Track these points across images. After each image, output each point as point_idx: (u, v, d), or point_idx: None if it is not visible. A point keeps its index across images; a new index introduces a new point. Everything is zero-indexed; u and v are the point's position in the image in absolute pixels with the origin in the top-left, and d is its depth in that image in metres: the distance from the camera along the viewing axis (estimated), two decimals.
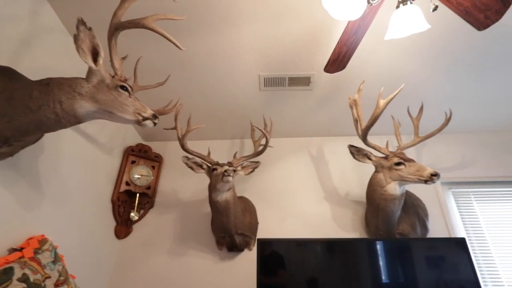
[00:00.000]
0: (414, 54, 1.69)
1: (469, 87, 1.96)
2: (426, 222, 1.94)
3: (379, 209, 1.75)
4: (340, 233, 2.10)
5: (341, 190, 2.26)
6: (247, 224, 2.00)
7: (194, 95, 2.03)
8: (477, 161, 2.33)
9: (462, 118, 2.25)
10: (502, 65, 1.78)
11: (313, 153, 2.44)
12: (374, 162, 1.73)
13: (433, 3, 1.05)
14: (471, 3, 1.17)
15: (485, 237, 2.09)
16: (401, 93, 1.95)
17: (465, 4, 1.17)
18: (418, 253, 1.67)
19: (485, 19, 1.23)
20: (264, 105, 2.13)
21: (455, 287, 1.60)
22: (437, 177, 1.45)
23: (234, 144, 2.53)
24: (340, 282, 1.62)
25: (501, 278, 1.96)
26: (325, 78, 1.86)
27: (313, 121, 2.30)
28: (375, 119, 1.46)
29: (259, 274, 1.60)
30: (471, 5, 1.17)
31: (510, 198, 2.21)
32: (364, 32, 1.30)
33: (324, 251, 1.74)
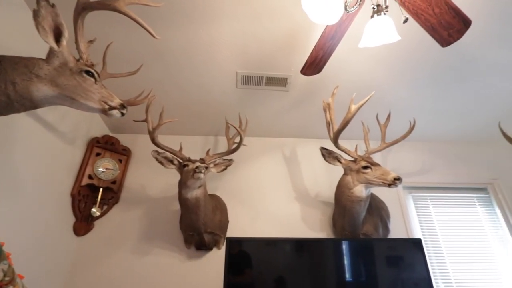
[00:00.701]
0: (385, 64, 1.78)
1: (431, 100, 2.11)
2: (388, 224, 2.06)
3: (346, 210, 1.82)
4: (308, 233, 2.15)
5: (312, 191, 2.32)
6: (217, 222, 1.98)
7: (168, 88, 1.96)
8: (434, 168, 2.51)
9: (424, 127, 2.42)
10: (459, 82, 1.94)
11: (286, 153, 2.47)
12: (343, 165, 1.79)
13: (404, 16, 1.11)
14: (437, 20, 1.25)
15: (438, 238, 2.26)
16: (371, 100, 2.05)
17: (432, 20, 1.25)
18: (379, 252, 1.76)
19: (448, 37, 1.33)
20: (240, 103, 2.12)
21: (410, 285, 1.70)
22: (400, 181, 1.54)
23: (207, 141, 2.48)
24: (307, 281, 1.65)
25: (450, 276, 2.14)
26: (302, 80, 1.89)
27: (288, 122, 2.34)
28: (346, 123, 1.51)
29: (227, 273, 1.58)
30: (437, 22, 1.26)
31: (461, 203, 2.42)
32: (340, 38, 1.34)
33: (293, 251, 1.76)
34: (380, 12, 1.14)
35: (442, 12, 1.22)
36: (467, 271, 2.16)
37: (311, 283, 1.65)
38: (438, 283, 2.11)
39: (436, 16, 1.23)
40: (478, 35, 1.58)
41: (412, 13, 1.21)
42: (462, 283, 2.12)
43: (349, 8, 1.16)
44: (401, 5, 1.17)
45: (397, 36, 1.15)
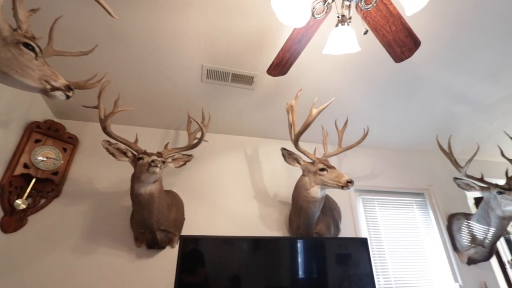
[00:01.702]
0: (345, 73, 1.88)
1: (383, 110, 2.30)
2: (339, 223, 2.18)
3: (302, 210, 1.88)
4: (265, 231, 2.18)
5: (271, 191, 2.36)
6: (172, 220, 1.89)
7: (126, 74, 1.82)
8: (382, 173, 2.74)
9: (376, 135, 2.62)
10: (407, 97, 2.14)
11: (248, 152, 2.48)
12: (302, 166, 1.85)
13: (365, 27, 1.17)
14: (392, 37, 1.36)
15: (381, 237, 2.47)
16: (331, 106, 2.16)
17: (388, 37, 1.36)
18: (330, 250, 1.85)
19: (401, 54, 1.45)
20: (204, 98, 2.06)
21: (356, 280, 1.83)
22: (352, 184, 1.64)
23: (167, 134, 2.37)
24: (262, 279, 1.67)
25: (389, 271, 2.35)
26: (268, 80, 1.91)
27: (252, 121, 2.34)
28: (307, 126, 1.56)
29: (179, 272, 1.52)
30: (392, 39, 1.36)
31: (402, 206, 2.68)
32: (306, 42, 1.38)
33: (250, 249, 1.77)
34: (344, 22, 1.19)
35: (398, 30, 1.32)
36: (403, 266, 2.40)
37: (266, 281, 1.68)
38: (379, 278, 2.30)
39: (392, 33, 1.33)
40: (425, 56, 1.76)
41: (372, 27, 1.30)
42: (399, 277, 2.34)
43: (316, 14, 1.20)
44: (363, 18, 1.24)
45: (358, 47, 1.21)
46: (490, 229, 2.23)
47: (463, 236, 2.45)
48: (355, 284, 1.80)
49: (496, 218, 2.15)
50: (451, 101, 2.22)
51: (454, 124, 2.52)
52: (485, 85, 2.05)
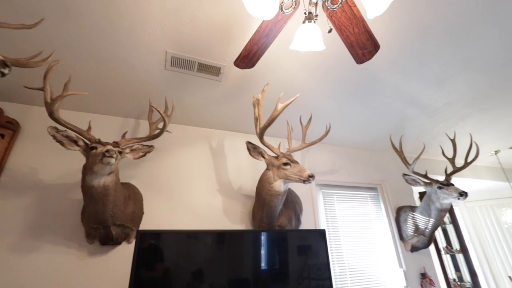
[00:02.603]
0: (311, 71, 1.93)
1: (346, 110, 2.42)
2: (300, 216, 2.26)
3: (265, 203, 1.91)
4: (228, 224, 2.18)
5: (235, 184, 2.35)
6: (129, 214, 1.79)
7: (80, 56, 1.65)
8: (342, 169, 2.90)
9: (337, 133, 2.76)
10: (366, 97, 2.27)
11: (213, 145, 2.44)
12: (266, 160, 1.87)
13: (330, 26, 1.21)
14: (355, 39, 1.42)
15: (338, 229, 2.63)
16: (297, 102, 2.22)
17: (351, 38, 1.41)
18: (292, 242, 1.92)
19: (362, 56, 1.52)
20: (168, 86, 1.96)
21: (315, 270, 1.92)
22: (313, 178, 1.70)
23: (126, 123, 2.22)
24: (225, 272, 1.68)
25: (344, 260, 2.52)
26: (235, 72, 1.88)
27: (218, 113, 2.30)
28: (272, 120, 1.57)
29: (135, 268, 1.45)
30: (355, 40, 1.42)
31: (358, 199, 2.87)
32: (274, 36, 1.38)
33: (214, 243, 1.76)
34: (310, 20, 1.21)
35: (360, 32, 1.38)
36: (356, 255, 2.58)
37: (229, 273, 1.68)
38: (334, 267, 2.45)
39: (355, 35, 1.39)
40: (383, 61, 1.87)
41: (336, 27, 1.34)
42: (352, 265, 2.52)
43: (284, 9, 1.20)
44: (328, 17, 1.28)
45: (323, 46, 1.25)
46: (430, 220, 2.49)
47: (408, 226, 2.71)
48: (314, 273, 1.89)
49: (435, 210, 2.42)
50: (403, 104, 2.41)
51: (405, 125, 2.74)
52: (433, 91, 2.26)
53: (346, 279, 2.44)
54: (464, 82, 2.17)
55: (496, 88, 2.29)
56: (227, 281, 1.66)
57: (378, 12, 1.12)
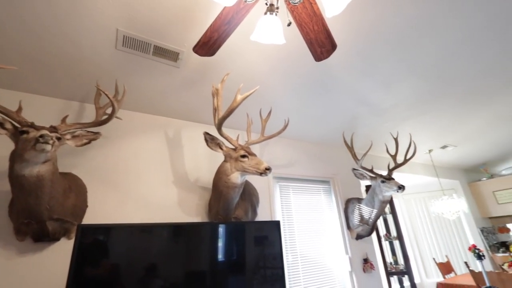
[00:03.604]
0: (273, 64, 1.94)
1: (304, 105, 2.50)
2: (256, 208, 2.30)
3: (222, 195, 1.89)
4: (183, 217, 2.11)
5: (192, 176, 2.28)
6: (70, 207, 1.62)
7: (12, 25, 1.41)
8: (298, 162, 3.01)
9: (295, 127, 2.84)
10: (323, 94, 2.37)
11: (170, 135, 2.32)
12: (224, 152, 1.85)
13: (289, 19, 1.21)
14: (315, 36, 1.45)
15: (292, 220, 2.74)
16: (257, 95, 2.22)
17: (311, 35, 1.44)
18: (249, 233, 1.94)
19: (320, 54, 1.57)
20: (119, 69, 1.80)
21: (270, 259, 1.98)
22: (269, 171, 1.72)
23: (68, 106, 1.98)
24: (181, 265, 1.64)
25: (297, 250, 2.64)
26: (195, 60, 1.80)
27: (175, 101, 2.19)
28: (231, 111, 1.55)
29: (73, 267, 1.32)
30: (314, 38, 1.46)
31: (312, 192, 3.02)
32: (236, 25, 1.34)
33: (170, 236, 1.71)
34: (272, 12, 1.20)
35: (319, 30, 1.42)
36: (308, 244, 2.73)
37: (185, 266, 1.65)
38: (288, 256, 2.56)
39: (314, 32, 1.43)
40: (339, 60, 1.97)
41: (297, 23, 1.35)
42: (304, 254, 2.66)
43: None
44: (289, 11, 1.28)
45: (283, 40, 1.25)
46: (373, 211, 2.74)
47: (355, 216, 2.94)
48: (269, 262, 1.96)
49: (378, 202, 2.66)
50: (356, 103, 2.58)
51: (357, 123, 2.95)
52: (381, 92, 2.45)
53: (298, 266, 2.57)
54: (408, 86, 2.40)
55: (432, 94, 2.58)
56: (183, 274, 1.64)
57: (336, 12, 1.16)
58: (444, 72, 2.26)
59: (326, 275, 2.70)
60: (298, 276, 2.53)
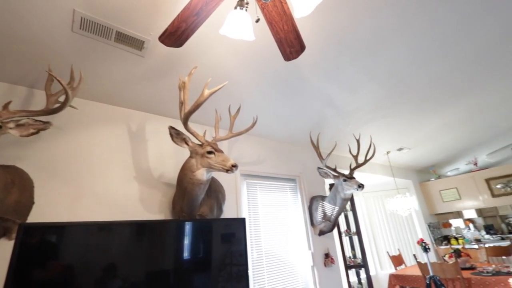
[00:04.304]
0: (244, 61, 1.92)
1: (273, 104, 2.52)
2: (222, 205, 2.28)
3: (186, 192, 1.84)
4: (145, 215, 2.02)
5: (155, 171, 2.19)
6: (11, 204, 1.46)
7: None
8: (266, 160, 3.05)
9: (264, 126, 2.86)
10: (292, 94, 2.42)
11: (132, 128, 2.20)
12: (190, 147, 1.80)
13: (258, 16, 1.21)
14: (284, 36, 1.47)
15: (259, 217, 2.76)
16: (227, 91, 2.19)
17: (280, 34, 1.46)
18: (214, 231, 1.92)
19: (289, 54, 1.60)
20: (76, 53, 1.65)
21: (236, 256, 1.98)
22: (236, 168, 1.71)
23: (13, 91, 1.77)
24: (143, 264, 1.58)
25: (262, 246, 2.67)
26: (161, 50, 1.72)
27: (140, 93, 2.07)
28: (197, 106, 1.50)
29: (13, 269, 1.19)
30: (284, 37, 1.48)
31: (279, 189, 3.07)
32: (205, 17, 1.30)
33: (131, 234, 1.63)
34: (242, 7, 1.19)
35: (289, 30, 1.44)
36: (273, 240, 2.78)
37: (148, 266, 1.59)
38: (253, 252, 2.58)
39: (284, 32, 1.44)
40: (308, 62, 2.02)
41: (268, 21, 1.36)
42: (269, 250, 2.70)
43: None
44: (260, 9, 1.28)
45: (252, 36, 1.25)
46: (335, 208, 2.88)
47: (318, 213, 3.06)
48: (235, 259, 1.96)
49: (340, 200, 2.80)
50: (323, 104, 2.67)
51: (323, 124, 3.06)
52: (346, 95, 2.57)
53: (262, 262, 2.61)
54: (369, 91, 2.55)
55: (391, 100, 2.77)
56: (144, 274, 1.58)
57: (304, 13, 1.18)
58: (400, 81, 2.44)
59: (289, 270, 2.77)
60: (262, 272, 2.57)
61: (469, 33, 1.97)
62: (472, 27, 1.91)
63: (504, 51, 2.24)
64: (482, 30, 1.95)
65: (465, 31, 1.94)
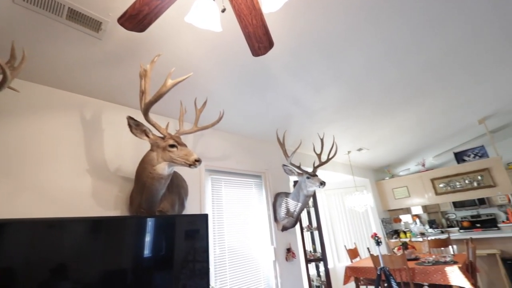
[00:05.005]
0: (212, 53, 1.87)
1: (240, 99, 2.50)
2: (184, 201, 2.21)
3: (145, 187, 1.74)
4: (98, 211, 1.88)
5: (112, 164, 2.04)
6: None
7: None
8: (232, 156, 3.02)
9: (231, 121, 2.83)
10: (260, 91, 2.42)
11: (87, 116, 2.02)
12: (151, 140, 1.70)
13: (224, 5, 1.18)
14: (253, 30, 1.45)
15: (222, 213, 2.74)
16: (193, 83, 2.12)
17: (249, 28, 1.44)
18: (176, 227, 1.87)
19: (258, 49, 1.58)
20: (18, 28, 1.46)
21: (198, 253, 1.94)
22: (199, 163, 1.66)
23: None
24: (98, 264, 1.49)
25: (225, 242, 2.65)
26: (121, 34, 1.60)
27: (97, 78, 1.91)
28: (159, 96, 1.43)
29: None
30: (252, 32, 1.46)
31: (244, 185, 3.07)
32: (170, 2, 1.23)
33: (85, 232, 1.53)
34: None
35: (258, 25, 1.42)
36: (237, 236, 2.77)
37: (103, 265, 1.50)
38: (215, 249, 2.55)
39: (253, 26, 1.42)
40: (276, 59, 2.03)
41: (236, 13, 1.32)
42: (232, 246, 2.69)
43: None
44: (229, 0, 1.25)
45: (219, 27, 1.21)
46: (298, 204, 2.96)
47: (282, 209, 3.13)
48: (197, 256, 1.92)
49: (303, 196, 2.89)
50: (290, 102, 2.72)
51: (290, 122, 3.12)
52: (312, 95, 2.64)
53: (225, 259, 2.59)
54: (333, 92, 2.65)
55: (352, 102, 2.92)
56: (99, 274, 1.48)
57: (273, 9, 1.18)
58: (360, 85, 2.58)
59: (251, 265, 2.80)
60: (224, 268, 2.55)
61: (419, 46, 2.15)
62: (421, 41, 2.09)
63: (449, 64, 2.48)
64: (430, 43, 2.14)
65: (415, 44, 2.11)
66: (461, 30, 2.05)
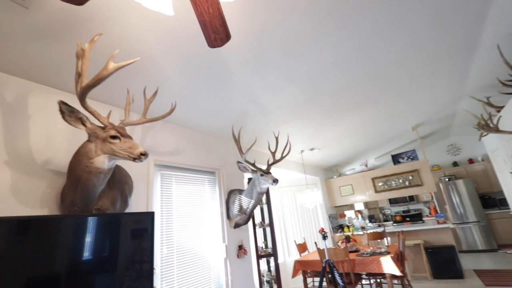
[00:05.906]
0: (164, 38, 1.74)
1: (195, 91, 2.39)
2: (128, 198, 2.03)
3: (80, 182, 1.55)
4: (20, 209, 1.61)
5: (40, 156, 1.77)
6: None
7: None
8: (184, 151, 2.89)
9: (184, 114, 2.70)
10: (215, 85, 2.34)
11: (7, 98, 1.71)
12: (88, 129, 1.51)
13: None
14: (209, 19, 1.38)
15: (172, 211, 2.60)
16: (143, 70, 1.95)
17: (205, 17, 1.36)
18: (123, 226, 1.73)
19: (214, 40, 1.52)
20: None
21: (141, 253, 1.79)
22: (145, 157, 1.54)
23: None
24: (23, 271, 1.31)
25: (173, 242, 2.52)
26: (54, 4, 1.38)
27: (22, 55, 1.62)
28: (99, 80, 1.27)
29: None
30: (209, 21, 1.39)
31: (196, 182, 2.97)
32: None
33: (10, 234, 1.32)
34: None
35: (215, 15, 1.36)
36: (188, 235, 2.66)
37: (30, 272, 1.32)
38: (163, 248, 2.41)
39: (209, 15, 1.35)
40: (234, 53, 1.99)
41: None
42: (181, 245, 2.58)
43: None
44: None
45: (171, 11, 1.12)
46: (251, 201, 2.97)
47: (235, 206, 3.11)
48: (140, 257, 1.80)
49: (256, 193, 2.90)
50: (247, 99, 2.70)
51: (246, 118, 3.11)
52: (269, 94, 2.67)
53: (173, 258, 2.47)
54: (289, 93, 2.72)
55: (306, 103, 3.03)
56: (25, 280, 1.30)
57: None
58: (313, 88, 2.69)
59: (201, 264, 2.72)
60: (172, 268, 2.43)
61: (365, 57, 2.32)
62: (367, 52, 2.26)
63: (392, 74, 2.74)
64: (376, 55, 2.33)
65: (361, 54, 2.28)
66: (404, 43, 2.27)
